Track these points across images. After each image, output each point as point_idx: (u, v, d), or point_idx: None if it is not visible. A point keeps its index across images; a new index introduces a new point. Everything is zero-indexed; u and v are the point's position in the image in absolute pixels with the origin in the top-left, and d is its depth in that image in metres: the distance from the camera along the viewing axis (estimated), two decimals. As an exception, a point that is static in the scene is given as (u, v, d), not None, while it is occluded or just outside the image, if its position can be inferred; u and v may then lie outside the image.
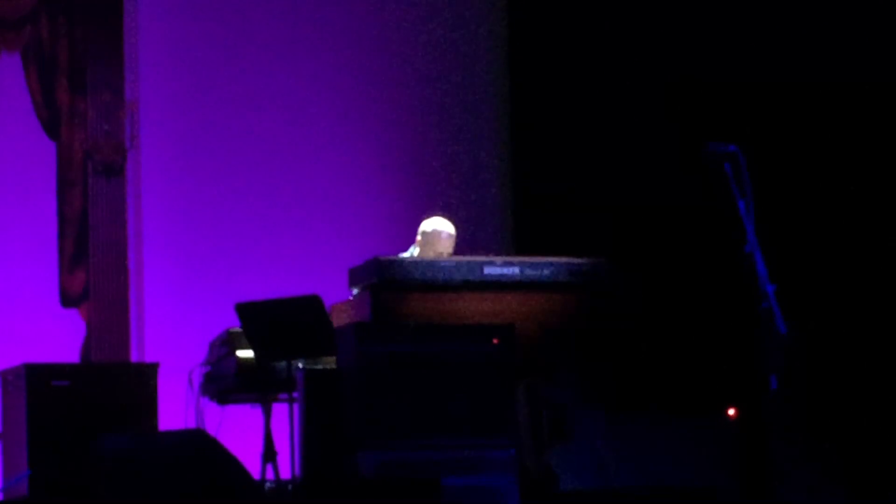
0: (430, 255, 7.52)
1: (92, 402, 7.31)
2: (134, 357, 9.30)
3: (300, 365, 6.96)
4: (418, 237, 7.66)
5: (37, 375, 7.33)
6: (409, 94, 9.96)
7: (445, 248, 7.57)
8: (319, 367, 6.98)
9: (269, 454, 7.13)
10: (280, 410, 7.35)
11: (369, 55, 9.91)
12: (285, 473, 7.12)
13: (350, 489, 6.17)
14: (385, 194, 9.72)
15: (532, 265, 7.04)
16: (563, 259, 7.07)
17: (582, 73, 9.45)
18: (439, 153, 9.97)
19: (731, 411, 7.19)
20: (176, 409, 7.62)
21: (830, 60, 8.82)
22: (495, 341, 6.42)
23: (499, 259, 7.14)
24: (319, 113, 9.79)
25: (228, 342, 7.36)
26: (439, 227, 7.65)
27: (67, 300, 9.41)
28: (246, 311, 7.04)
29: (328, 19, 9.89)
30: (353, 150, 9.81)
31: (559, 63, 9.56)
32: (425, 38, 10.03)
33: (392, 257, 7.20)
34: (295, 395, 6.90)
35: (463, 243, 7.94)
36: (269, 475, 7.15)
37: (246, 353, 7.24)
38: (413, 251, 7.66)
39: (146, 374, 7.54)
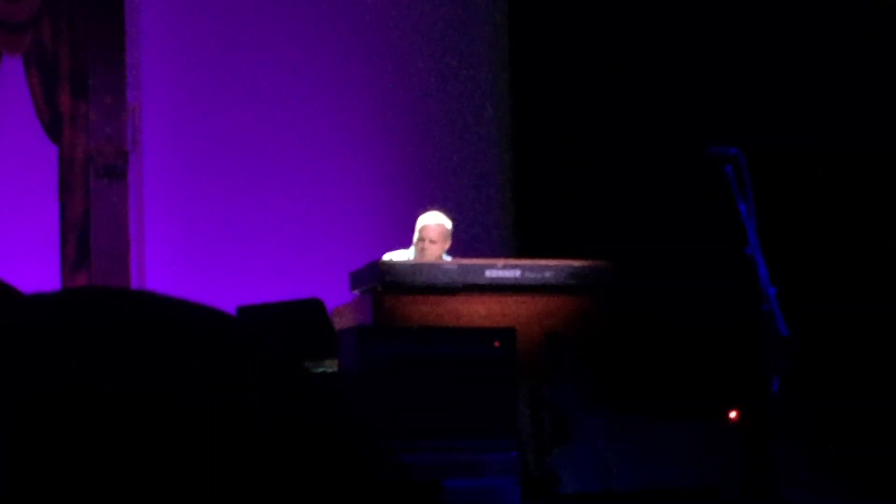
0: (422, 246, 7.54)
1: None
2: (136, 360, 9.28)
3: (302, 368, 6.95)
4: (415, 234, 7.69)
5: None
6: (410, 96, 9.97)
7: (432, 236, 7.56)
8: (321, 370, 6.98)
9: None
10: (282, 413, 7.34)
11: (370, 59, 9.91)
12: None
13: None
14: (387, 197, 9.73)
15: (533, 268, 7.04)
16: (565, 262, 7.07)
17: (585, 75, 9.45)
18: (441, 156, 9.98)
19: (733, 414, 7.19)
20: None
21: (832, 59, 8.82)
22: (497, 344, 6.42)
23: (500, 262, 7.14)
24: (321, 116, 9.80)
25: (230, 345, 7.36)
26: (430, 219, 7.67)
27: (69, 303, 9.40)
28: (248, 314, 7.05)
29: (329, 22, 9.90)
30: (355, 154, 9.82)
31: (561, 65, 9.56)
32: (426, 38, 10.04)
33: (393, 261, 7.20)
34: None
35: (464, 246, 7.94)
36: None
37: (247, 357, 7.24)
38: (413, 248, 7.69)
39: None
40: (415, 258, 7.55)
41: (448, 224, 7.67)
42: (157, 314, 1.65)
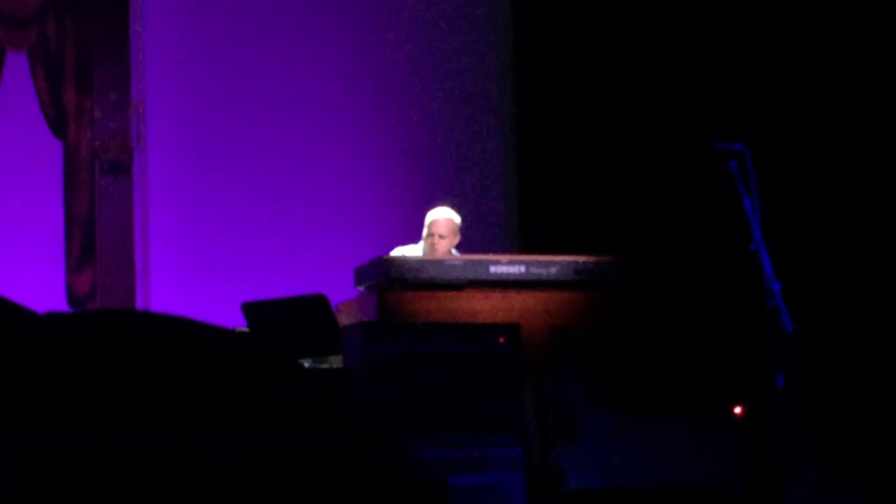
0: (431, 241, 7.54)
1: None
2: (141, 356, 9.27)
3: (306, 364, 6.96)
4: (424, 229, 7.70)
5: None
6: (415, 92, 9.97)
7: (441, 230, 7.57)
8: (326, 366, 6.98)
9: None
10: (286, 409, 7.33)
11: (376, 55, 9.91)
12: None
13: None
14: (391, 194, 9.73)
15: (538, 264, 7.04)
16: (569, 257, 7.07)
17: (588, 71, 9.45)
18: (445, 152, 9.97)
19: (738, 410, 7.19)
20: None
21: (835, 54, 8.82)
22: (501, 340, 6.42)
23: (504, 257, 7.14)
24: (326, 112, 9.80)
25: (235, 341, 7.34)
26: (439, 213, 7.67)
27: (74, 300, 9.42)
28: (252, 310, 7.05)
29: (335, 18, 9.90)
30: (359, 149, 9.81)
31: (565, 61, 9.55)
32: (431, 36, 10.04)
33: (397, 257, 7.21)
34: (301, 394, 6.89)
35: (469, 242, 7.94)
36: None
37: (252, 353, 7.23)
38: (422, 244, 7.70)
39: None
40: (424, 253, 7.56)
41: (457, 219, 7.67)
42: (162, 327, 1.66)
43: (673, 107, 9.18)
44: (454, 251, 7.59)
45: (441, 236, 7.56)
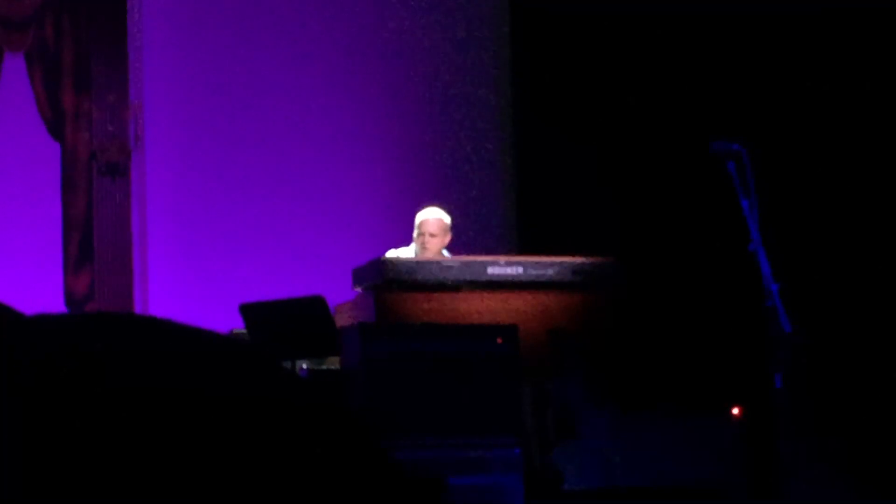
0: (422, 241, 7.54)
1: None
2: (139, 358, 9.26)
3: (304, 365, 6.96)
4: (415, 229, 7.70)
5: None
6: (412, 93, 9.97)
7: (431, 230, 7.56)
8: (324, 367, 6.98)
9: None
10: (285, 411, 7.33)
11: (372, 55, 9.91)
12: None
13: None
14: (389, 195, 9.73)
15: (536, 265, 7.03)
16: (567, 258, 7.07)
17: (587, 70, 9.45)
18: (443, 153, 9.97)
19: (736, 410, 7.19)
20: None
21: (834, 53, 8.82)
22: (499, 341, 6.41)
23: (502, 259, 7.14)
24: (323, 113, 9.80)
25: (233, 343, 7.34)
26: (428, 213, 7.67)
27: (72, 301, 9.42)
28: (250, 311, 7.05)
29: (331, 20, 9.90)
30: (357, 151, 9.81)
31: (563, 60, 9.55)
32: (428, 36, 10.04)
33: (395, 258, 7.20)
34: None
35: (467, 243, 7.94)
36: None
37: (250, 354, 7.22)
38: (413, 245, 7.70)
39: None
40: (416, 253, 7.55)
41: (447, 218, 7.67)
42: (160, 330, 1.66)
43: (671, 108, 9.18)
44: (445, 252, 7.59)
45: (431, 235, 7.55)
